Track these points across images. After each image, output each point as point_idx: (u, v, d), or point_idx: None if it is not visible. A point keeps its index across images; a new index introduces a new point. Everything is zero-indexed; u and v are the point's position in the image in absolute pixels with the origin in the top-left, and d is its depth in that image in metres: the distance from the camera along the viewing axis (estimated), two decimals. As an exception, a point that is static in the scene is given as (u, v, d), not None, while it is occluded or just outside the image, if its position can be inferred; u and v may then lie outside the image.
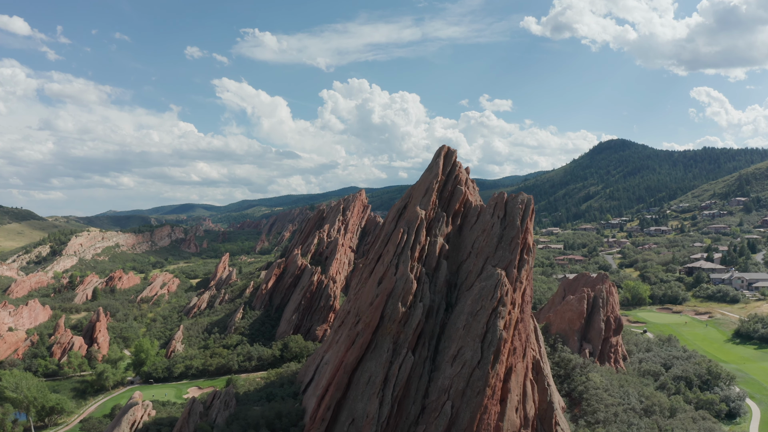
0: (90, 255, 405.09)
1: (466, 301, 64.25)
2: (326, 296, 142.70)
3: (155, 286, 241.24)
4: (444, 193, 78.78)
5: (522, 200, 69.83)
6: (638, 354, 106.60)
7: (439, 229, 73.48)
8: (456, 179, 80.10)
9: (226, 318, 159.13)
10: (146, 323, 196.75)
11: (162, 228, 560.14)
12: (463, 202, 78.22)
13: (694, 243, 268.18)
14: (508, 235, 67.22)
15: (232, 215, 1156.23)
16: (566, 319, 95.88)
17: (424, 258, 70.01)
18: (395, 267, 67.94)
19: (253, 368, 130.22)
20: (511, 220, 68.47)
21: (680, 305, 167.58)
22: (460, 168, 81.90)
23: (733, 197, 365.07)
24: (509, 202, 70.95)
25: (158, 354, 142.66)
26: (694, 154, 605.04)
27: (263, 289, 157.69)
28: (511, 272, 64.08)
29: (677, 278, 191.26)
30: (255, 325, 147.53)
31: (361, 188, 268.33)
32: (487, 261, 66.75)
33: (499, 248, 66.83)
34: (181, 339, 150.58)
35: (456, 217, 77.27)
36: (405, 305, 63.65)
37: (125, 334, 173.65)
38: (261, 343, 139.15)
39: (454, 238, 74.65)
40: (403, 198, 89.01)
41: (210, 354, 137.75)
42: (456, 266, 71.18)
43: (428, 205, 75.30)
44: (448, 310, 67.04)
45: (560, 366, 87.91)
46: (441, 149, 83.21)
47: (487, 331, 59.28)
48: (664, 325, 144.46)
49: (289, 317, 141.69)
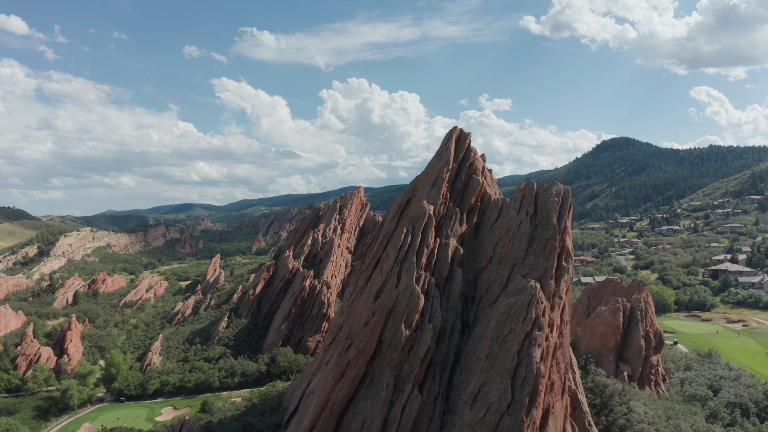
0: (79, 256, 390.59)
1: (488, 322, 49.77)
2: (319, 303, 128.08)
3: (141, 289, 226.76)
4: (456, 185, 64.22)
5: (557, 192, 55.25)
6: (678, 373, 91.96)
7: (452, 229, 58.93)
8: (471, 168, 65.53)
9: (210, 327, 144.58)
10: (127, 330, 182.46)
11: (156, 228, 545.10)
12: (480, 196, 63.64)
13: (710, 243, 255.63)
14: (542, 235, 52.66)
15: (231, 215, 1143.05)
16: (598, 335, 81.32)
17: (433, 265, 55.50)
18: (396, 277, 53.43)
19: (236, 385, 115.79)
20: (544, 216, 53.88)
21: (708, 312, 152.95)
22: (475, 154, 67.31)
23: (746, 195, 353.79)
24: (540, 194, 56.38)
25: (132, 368, 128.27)
26: (700, 152, 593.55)
27: (250, 295, 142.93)
28: (548, 284, 49.58)
29: (701, 282, 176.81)
30: (240, 336, 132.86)
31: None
32: (515, 269, 52.24)
33: (530, 253, 52.28)
34: (159, 350, 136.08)
35: (471, 213, 62.69)
36: (409, 327, 49.19)
37: (102, 343, 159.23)
38: (246, 356, 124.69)
39: (469, 239, 60.10)
40: (406, 191, 74.50)
41: (189, 368, 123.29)
42: (473, 275, 56.64)
43: (437, 198, 60.75)
44: (465, 332, 52.55)
45: (594, 393, 73.37)
46: (452, 131, 68.56)
47: (518, 364, 44.77)
48: (696, 336, 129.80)
49: (278, 327, 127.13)
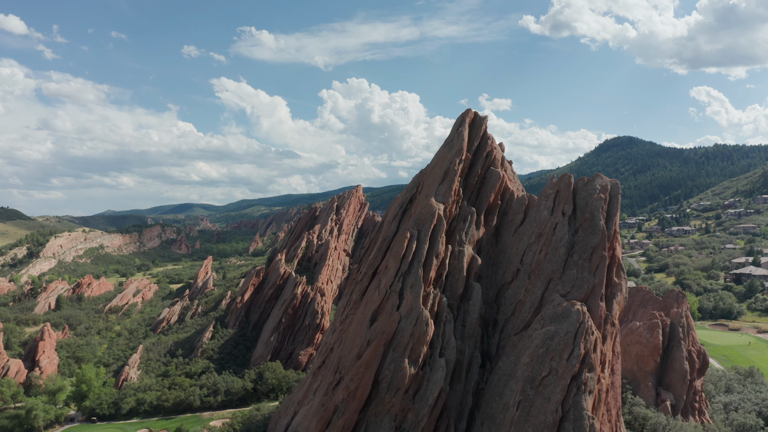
0: (70, 257, 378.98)
1: (517, 356, 38.10)
2: (312, 313, 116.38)
3: (127, 293, 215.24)
4: (471, 179, 52.54)
5: (603, 186, 43.56)
6: (719, 397, 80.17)
7: (466, 233, 47.31)
8: (488, 158, 53.86)
9: (195, 337, 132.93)
10: (110, 338, 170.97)
11: (152, 228, 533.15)
12: (500, 192, 51.99)
13: (725, 245, 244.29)
14: (585, 242, 40.95)
15: (231, 215, 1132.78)
16: (632, 356, 69.64)
17: (444, 279, 43.89)
18: (398, 295, 41.79)
19: (219, 405, 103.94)
20: (587, 218, 42.16)
21: (736, 321, 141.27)
22: (492, 142, 55.60)
23: (758, 194, 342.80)
24: (580, 189, 44.69)
25: (106, 384, 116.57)
26: (705, 150, 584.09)
27: (238, 302, 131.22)
28: (596, 307, 37.93)
29: (724, 287, 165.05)
30: (226, 348, 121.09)
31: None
32: (551, 286, 40.60)
33: (571, 265, 40.61)
34: (138, 363, 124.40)
35: (490, 213, 51.03)
36: (415, 363, 37.57)
37: (80, 354, 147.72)
38: (232, 371, 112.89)
39: (488, 246, 48.45)
40: (409, 188, 62.78)
41: (169, 384, 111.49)
42: (495, 292, 45.01)
43: (448, 195, 49.12)
44: (486, 366, 40.94)
45: (633, 428, 61.68)
46: (464, 115, 56.80)
47: (563, 418, 33.09)
48: (727, 348, 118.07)
49: (267, 338, 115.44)
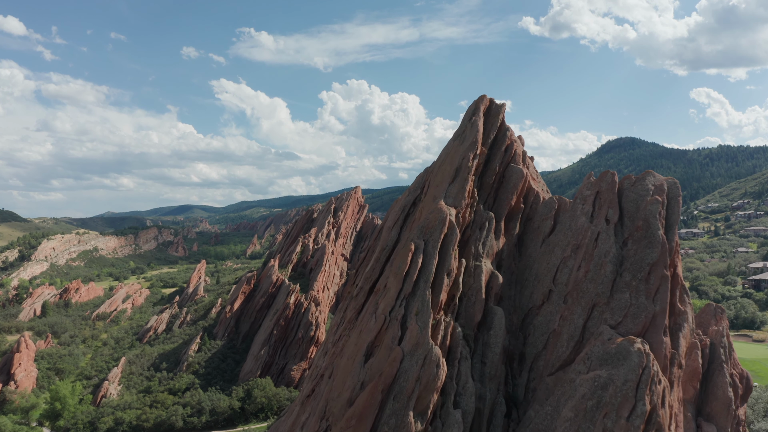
0: (63, 260, 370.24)
1: (556, 407, 29.35)
2: (306, 324, 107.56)
3: (116, 299, 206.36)
4: (487, 177, 43.79)
5: (658, 187, 34.66)
6: (760, 423, 71.02)
7: (484, 244, 38.58)
8: (507, 153, 45.13)
9: (182, 348, 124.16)
10: (95, 347, 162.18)
11: (148, 230, 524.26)
12: (523, 193, 43.27)
13: (736, 248, 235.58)
14: (640, 258, 32.13)
15: (230, 216, 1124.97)
16: (668, 381, 60.81)
17: (457, 303, 35.13)
18: (400, 324, 33.05)
19: (204, 426, 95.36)
20: (640, 226, 33.29)
21: (759, 331, 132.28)
22: (512, 134, 46.87)
23: (767, 196, 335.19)
24: (627, 190, 35.83)
25: (83, 401, 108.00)
26: (709, 152, 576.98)
27: (227, 311, 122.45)
28: (659, 343, 29.18)
29: (743, 293, 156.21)
30: (214, 361, 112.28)
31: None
32: (595, 313, 31.83)
33: (621, 286, 31.80)
34: (119, 378, 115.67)
35: (511, 219, 42.27)
36: (423, 417, 28.81)
37: (61, 365, 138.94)
38: (219, 387, 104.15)
39: (510, 259, 39.67)
40: (412, 189, 53.99)
41: (150, 402, 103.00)
42: (520, 317, 36.23)
43: (461, 198, 40.39)
44: (511, 414, 32.19)
45: (675, 468, 52.94)
46: (478, 102, 48.03)
47: (626, 502, 24.43)
48: (755, 362, 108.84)
49: (258, 352, 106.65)
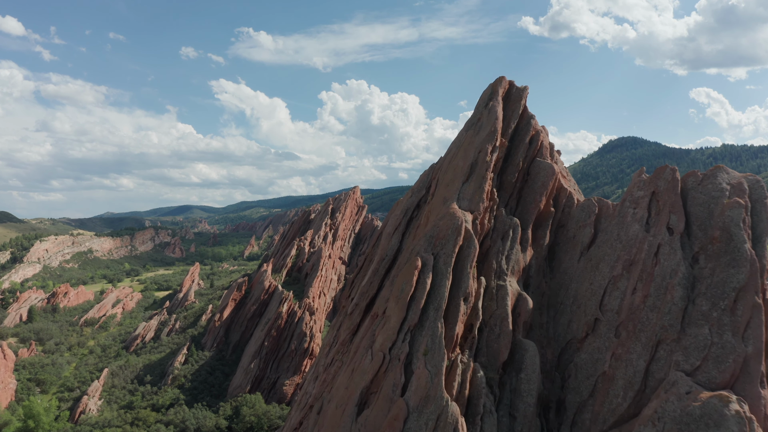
0: (57, 262, 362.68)
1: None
2: (299, 335, 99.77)
3: (106, 304, 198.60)
4: (509, 175, 35.98)
5: (735, 186, 26.72)
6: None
7: (508, 258, 30.78)
8: (532, 146, 37.37)
9: (168, 359, 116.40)
10: (81, 356, 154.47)
11: (145, 231, 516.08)
12: (553, 195, 35.47)
13: None
14: (721, 280, 24.28)
15: (230, 217, 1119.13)
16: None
17: (476, 335, 27.36)
18: (403, 365, 25.29)
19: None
20: (716, 237, 25.41)
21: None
22: (536, 124, 39.11)
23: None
24: (693, 189, 27.88)
25: (59, 418, 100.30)
26: (713, 151, 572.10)
27: (216, 320, 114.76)
28: (757, 398, 21.40)
29: None
30: (201, 374, 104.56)
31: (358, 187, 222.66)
32: (661, 352, 24.01)
33: (696, 317, 23.98)
34: (100, 392, 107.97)
35: (540, 227, 34.44)
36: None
37: (42, 376, 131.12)
38: (206, 403, 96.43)
39: (539, 276, 31.85)
40: (416, 189, 46.18)
41: (132, 419, 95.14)
42: (556, 352, 28.42)
43: (478, 200, 32.60)
44: (550, 486, 24.41)
45: None
46: (496, 85, 40.20)
47: None
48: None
49: (248, 365, 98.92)
